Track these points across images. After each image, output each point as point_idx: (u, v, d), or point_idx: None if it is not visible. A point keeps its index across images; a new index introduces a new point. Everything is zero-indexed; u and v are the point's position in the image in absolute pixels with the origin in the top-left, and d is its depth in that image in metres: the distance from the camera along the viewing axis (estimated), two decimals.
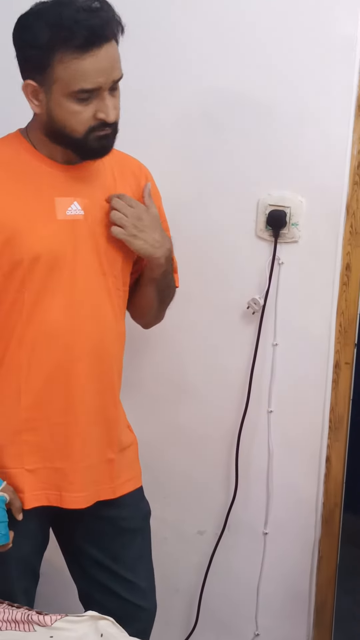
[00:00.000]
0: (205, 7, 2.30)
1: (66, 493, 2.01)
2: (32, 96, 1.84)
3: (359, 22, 2.16)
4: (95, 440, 2.03)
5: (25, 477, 1.97)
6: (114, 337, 2.03)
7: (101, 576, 2.13)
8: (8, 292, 1.90)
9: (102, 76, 1.79)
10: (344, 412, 2.38)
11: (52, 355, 1.94)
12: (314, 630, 2.51)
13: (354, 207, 2.27)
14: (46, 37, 1.76)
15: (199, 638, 2.60)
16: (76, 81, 1.78)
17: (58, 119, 1.83)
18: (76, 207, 1.92)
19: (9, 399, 1.95)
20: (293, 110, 2.27)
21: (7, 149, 1.93)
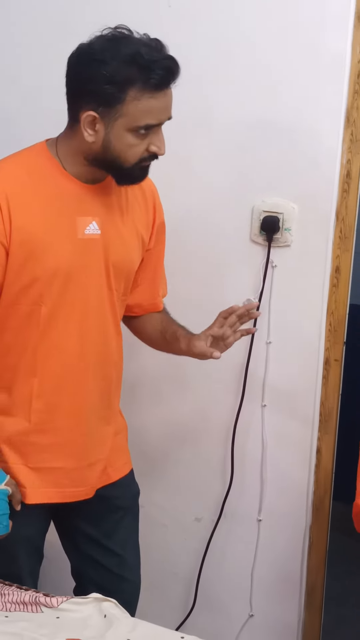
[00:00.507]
0: (208, 26, 2.30)
1: (67, 489, 2.02)
2: (89, 126, 1.80)
3: (347, 41, 2.17)
4: (97, 441, 2.05)
5: (27, 474, 1.97)
6: (115, 346, 2.04)
7: (93, 551, 2.14)
8: (25, 305, 1.89)
9: (166, 114, 1.81)
10: (334, 406, 2.38)
11: (64, 365, 1.94)
12: (305, 612, 2.51)
13: (343, 213, 2.27)
14: (125, 74, 1.73)
15: (196, 619, 2.60)
16: (144, 117, 1.77)
17: (114, 149, 1.81)
18: (94, 227, 1.91)
19: (20, 402, 1.95)
20: (286, 123, 2.27)
21: (36, 165, 1.90)
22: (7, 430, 1.95)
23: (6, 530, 1.88)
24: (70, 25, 2.35)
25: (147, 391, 2.53)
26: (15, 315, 1.89)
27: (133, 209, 2.00)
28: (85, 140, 1.81)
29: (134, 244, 2.01)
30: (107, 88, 1.74)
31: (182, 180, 2.35)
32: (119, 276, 1.98)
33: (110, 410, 2.08)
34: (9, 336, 1.91)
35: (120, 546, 2.15)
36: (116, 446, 2.10)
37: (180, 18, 2.31)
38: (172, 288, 2.20)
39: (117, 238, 1.95)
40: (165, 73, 1.75)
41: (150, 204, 2.05)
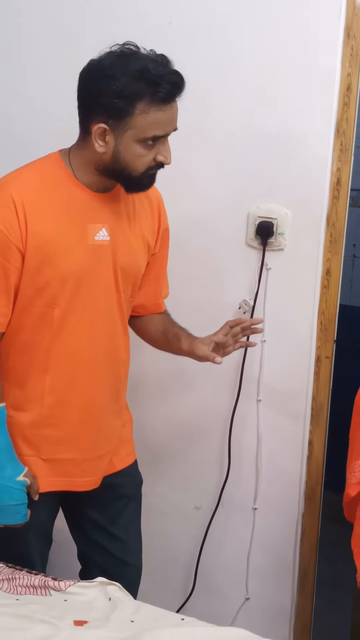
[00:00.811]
0: (206, 43, 2.31)
1: (77, 479, 2.03)
2: (100, 138, 1.81)
3: (337, 56, 2.18)
4: (104, 434, 2.06)
5: (40, 465, 1.98)
6: (124, 345, 2.05)
7: (99, 537, 2.15)
8: (38, 306, 1.90)
9: (172, 125, 1.82)
10: (325, 401, 2.38)
11: (74, 363, 1.95)
12: (298, 595, 2.51)
13: (334, 219, 2.27)
14: (134, 88, 1.74)
15: (195, 601, 2.60)
16: (152, 129, 1.78)
17: (124, 160, 1.82)
18: (104, 234, 1.92)
19: (33, 398, 1.96)
20: (280, 133, 2.27)
21: (50, 174, 1.90)
22: (20, 424, 1.96)
23: (25, 519, 1.90)
24: (77, 42, 2.35)
25: (150, 388, 2.53)
26: (29, 316, 1.90)
27: (140, 216, 2.01)
28: (96, 151, 1.82)
29: (140, 249, 2.02)
30: (117, 102, 1.75)
31: (182, 189, 2.36)
32: (126, 280, 1.99)
33: (118, 405, 2.08)
34: (24, 336, 1.92)
35: (123, 532, 2.16)
36: (121, 437, 2.11)
37: (180, 35, 2.31)
38: (173, 289, 2.20)
39: (125, 244, 1.96)
40: (172, 87, 1.76)
41: (156, 211, 2.06)
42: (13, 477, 1.88)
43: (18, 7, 2.51)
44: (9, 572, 1.90)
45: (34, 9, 2.49)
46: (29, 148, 2.01)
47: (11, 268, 1.85)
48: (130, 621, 1.76)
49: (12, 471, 1.88)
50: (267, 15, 2.23)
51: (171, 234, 2.13)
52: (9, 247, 1.83)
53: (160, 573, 2.49)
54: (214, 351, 2.00)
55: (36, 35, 2.50)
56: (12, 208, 1.82)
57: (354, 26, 2.15)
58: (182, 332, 2.11)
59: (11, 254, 1.84)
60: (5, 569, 1.92)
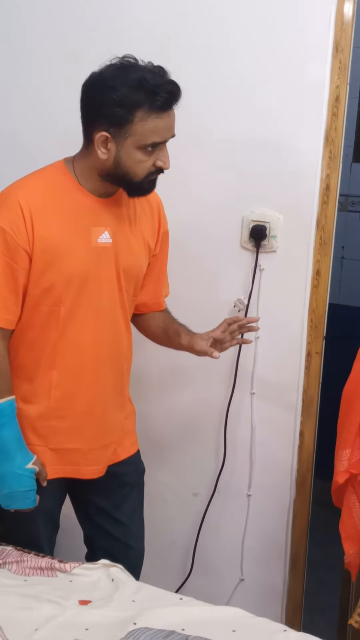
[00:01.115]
0: (203, 56, 2.31)
1: (82, 467, 2.03)
2: (102, 145, 1.81)
3: (326, 69, 2.18)
4: (109, 426, 2.06)
5: (48, 454, 1.99)
6: (126, 341, 2.05)
7: (104, 522, 2.15)
8: (45, 305, 1.90)
9: (170, 132, 1.82)
10: (315, 394, 2.39)
11: (80, 358, 1.96)
12: (289, 576, 2.52)
13: (323, 222, 2.27)
14: (133, 98, 1.74)
15: (193, 582, 2.60)
16: (151, 136, 1.78)
17: (125, 165, 1.82)
18: (106, 236, 1.92)
19: (41, 391, 1.97)
20: (273, 142, 2.28)
21: (55, 181, 1.90)
22: (30, 416, 1.96)
23: (33, 504, 1.91)
24: (82, 57, 2.34)
25: (151, 382, 2.53)
26: (37, 314, 1.91)
27: (140, 220, 2.01)
28: (99, 158, 1.82)
29: (141, 251, 2.02)
30: (118, 111, 1.75)
31: (181, 194, 2.36)
32: (128, 280, 1.99)
33: (121, 398, 2.09)
34: (32, 333, 1.93)
35: (127, 517, 2.16)
36: (125, 429, 2.11)
37: (178, 49, 2.31)
38: (173, 288, 2.20)
39: (127, 246, 1.96)
40: (169, 96, 1.77)
41: (156, 214, 2.06)
42: (23, 465, 1.89)
43: (28, 27, 2.52)
44: (18, 554, 1.91)
45: (43, 26, 2.49)
46: (37, 158, 2.01)
47: (19, 269, 1.86)
48: (132, 601, 1.77)
49: (22, 460, 1.90)
50: (261, 31, 2.23)
51: (171, 236, 2.13)
52: (17, 249, 1.84)
53: (160, 556, 2.49)
54: (211, 347, 2.01)
55: (44, 51, 2.50)
56: (20, 213, 1.83)
57: (341, 41, 2.16)
58: (182, 328, 2.11)
59: (19, 256, 1.84)
60: (15, 551, 1.93)
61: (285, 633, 1.68)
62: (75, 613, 1.71)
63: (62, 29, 2.46)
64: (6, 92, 2.59)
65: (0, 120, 2.61)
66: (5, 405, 1.90)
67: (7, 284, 1.86)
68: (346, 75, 2.19)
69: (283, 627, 1.71)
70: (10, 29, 2.55)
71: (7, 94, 2.59)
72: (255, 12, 2.23)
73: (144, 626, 1.66)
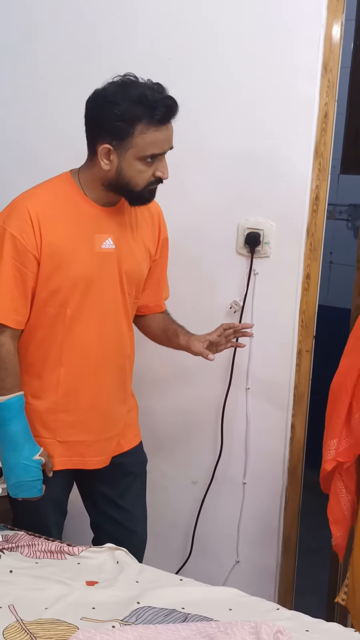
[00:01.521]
0: (201, 75, 2.31)
1: (89, 458, 2.03)
2: (105, 157, 1.81)
3: (316, 87, 2.18)
4: (113, 419, 2.06)
5: (56, 446, 1.99)
6: (129, 341, 2.05)
7: (109, 509, 2.15)
8: (52, 307, 1.90)
9: (168, 144, 1.82)
10: (305, 389, 2.39)
11: (85, 356, 1.96)
12: (282, 558, 2.52)
13: (313, 230, 2.27)
14: (133, 112, 1.75)
15: (192, 564, 2.60)
16: (150, 147, 1.78)
17: (126, 176, 1.82)
18: (109, 242, 1.92)
19: (49, 387, 1.97)
20: (266, 154, 2.28)
21: (62, 190, 1.91)
22: (39, 411, 1.97)
23: (40, 493, 1.91)
24: (89, 75, 2.33)
25: (153, 380, 2.52)
26: (45, 315, 1.91)
27: (142, 227, 2.01)
28: (103, 169, 1.83)
29: (142, 256, 2.02)
30: (119, 124, 1.76)
31: (181, 203, 2.36)
32: (130, 283, 1.99)
33: (125, 394, 2.08)
34: (40, 333, 1.93)
35: (130, 504, 2.16)
36: (128, 422, 2.11)
37: (178, 68, 2.32)
38: (173, 291, 2.20)
39: (129, 251, 1.96)
40: (167, 110, 1.77)
41: (156, 222, 2.06)
42: (30, 457, 1.89)
43: (40, 49, 2.53)
44: (29, 539, 1.92)
45: (53, 48, 2.51)
46: (47, 168, 2.01)
47: (29, 273, 1.86)
48: (135, 581, 1.77)
49: (29, 451, 1.90)
50: (256, 52, 2.23)
51: (171, 242, 2.14)
52: (26, 255, 1.84)
53: (162, 540, 2.49)
54: (207, 349, 2.01)
55: (54, 72, 2.51)
56: (29, 221, 1.84)
57: (330, 61, 2.16)
58: (180, 329, 2.12)
59: (28, 261, 1.85)
60: (26, 536, 1.93)
61: (278, 611, 1.69)
62: (83, 593, 1.71)
63: (71, 51, 2.48)
64: (20, 108, 2.61)
65: (14, 133, 2.63)
66: (15, 400, 1.90)
67: (17, 287, 1.86)
68: (334, 93, 2.19)
69: (276, 605, 1.72)
70: (24, 50, 2.57)
71: (21, 111, 2.61)
72: (250, 34, 2.23)
73: (146, 605, 1.67)
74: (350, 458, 1.93)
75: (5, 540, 1.90)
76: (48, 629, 1.59)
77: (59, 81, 2.50)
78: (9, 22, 2.57)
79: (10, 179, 2.33)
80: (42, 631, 1.58)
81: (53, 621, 1.61)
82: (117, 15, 2.39)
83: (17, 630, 1.58)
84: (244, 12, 2.23)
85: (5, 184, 2.12)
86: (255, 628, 1.53)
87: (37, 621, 1.61)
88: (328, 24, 2.14)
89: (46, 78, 2.53)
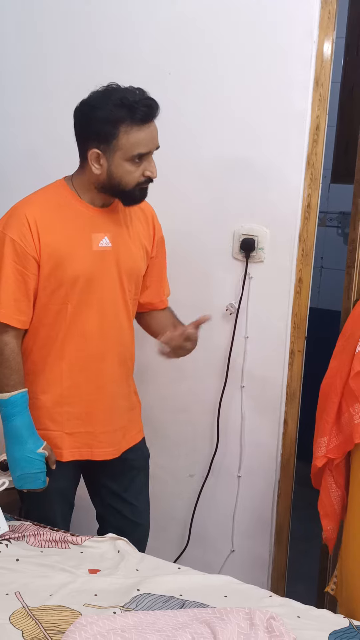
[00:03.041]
0: (199, 88, 2.31)
1: (96, 449, 2.03)
2: (95, 162, 1.82)
3: (308, 101, 2.18)
4: (117, 411, 2.05)
5: (64, 438, 1.99)
6: (129, 335, 2.05)
7: (114, 502, 2.15)
8: (54, 304, 1.90)
9: (152, 143, 1.81)
10: (297, 387, 2.39)
11: (87, 351, 1.95)
12: (274, 548, 2.51)
13: (305, 236, 2.27)
14: (116, 114, 1.76)
15: (190, 553, 2.60)
16: (135, 148, 1.79)
17: (117, 177, 1.82)
18: (106, 241, 1.92)
19: (53, 381, 1.97)
20: (261, 164, 2.27)
21: (57, 195, 1.92)
22: (46, 405, 1.97)
23: (44, 484, 1.91)
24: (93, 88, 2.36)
25: (153, 377, 2.51)
26: (47, 314, 1.91)
27: (136, 226, 2.01)
28: (94, 173, 1.84)
29: (139, 253, 2.01)
30: (103, 127, 1.77)
31: (180, 210, 2.37)
32: (130, 279, 1.99)
33: (127, 388, 2.07)
34: (43, 331, 1.93)
35: (134, 497, 2.15)
36: (132, 419, 2.11)
37: (178, 84, 2.32)
38: (172, 293, 2.19)
39: (126, 249, 1.96)
40: (147, 109, 1.77)
41: (150, 222, 2.06)
42: (34, 450, 1.89)
43: (48, 63, 2.54)
44: (35, 529, 1.92)
45: (59, 61, 2.51)
46: (50, 174, 2.01)
47: (29, 275, 1.86)
48: (136, 570, 1.77)
49: (33, 445, 1.90)
50: (251, 67, 2.23)
51: (170, 247, 2.13)
52: (26, 257, 1.85)
53: (161, 530, 2.48)
54: (166, 343, 1.90)
55: (59, 85, 2.51)
56: (27, 224, 1.85)
57: (321, 76, 2.16)
58: (178, 323, 2.10)
59: (28, 263, 1.85)
60: (32, 526, 1.93)
61: (271, 598, 1.69)
62: (86, 581, 1.71)
63: (76, 65, 2.48)
64: (27, 118, 2.61)
65: (21, 141, 2.64)
66: (19, 397, 1.90)
67: (19, 289, 1.86)
68: (325, 107, 2.19)
69: (269, 593, 1.72)
70: (31, 62, 2.57)
71: (28, 120, 2.61)
72: (246, 50, 2.23)
73: (146, 592, 1.67)
74: (340, 455, 1.93)
75: (12, 530, 1.90)
76: (52, 614, 1.59)
77: (64, 93, 2.46)
78: (18, 30, 2.58)
79: (17, 185, 2.33)
80: (46, 617, 1.58)
81: (57, 607, 1.61)
82: (120, 31, 2.39)
83: (23, 615, 1.58)
84: (240, 29, 2.23)
85: (13, 190, 2.12)
86: (249, 614, 1.53)
87: (42, 607, 1.61)
88: (320, 41, 2.14)
89: (55, 93, 2.53)
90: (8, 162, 2.66)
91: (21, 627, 1.54)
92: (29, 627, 1.54)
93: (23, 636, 1.52)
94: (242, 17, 2.22)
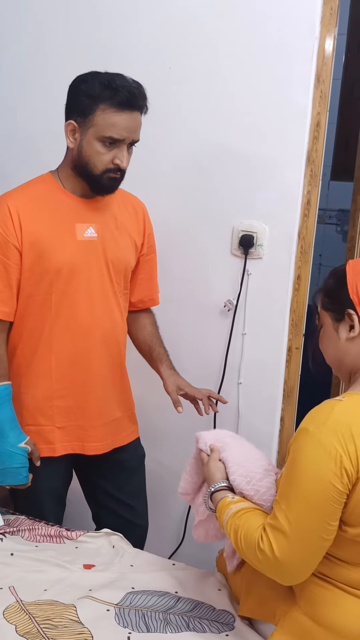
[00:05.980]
0: (200, 83, 2.30)
1: (87, 443, 2.02)
2: (70, 134, 1.82)
3: (309, 98, 2.17)
4: (108, 404, 2.04)
5: (55, 433, 1.97)
6: (120, 328, 2.03)
7: (109, 502, 2.14)
8: (39, 294, 1.89)
9: (127, 133, 1.79)
10: (295, 384, 2.38)
11: (75, 342, 1.94)
12: None
13: (304, 233, 2.27)
14: (97, 91, 1.76)
15: (185, 549, 2.60)
16: (108, 129, 1.77)
17: (85, 154, 1.81)
18: (91, 231, 1.91)
19: (42, 375, 1.95)
20: (261, 161, 2.26)
21: (41, 186, 1.92)
22: (35, 400, 1.95)
23: (26, 480, 1.88)
24: None
25: (150, 373, 2.49)
26: (33, 304, 1.89)
27: (125, 219, 2.00)
28: (69, 148, 1.84)
29: (127, 246, 2.00)
30: (83, 99, 1.78)
31: (179, 206, 2.36)
32: (117, 272, 1.97)
33: (119, 381, 2.06)
34: (30, 322, 1.91)
35: (130, 498, 2.14)
36: (125, 419, 2.10)
37: (178, 77, 2.31)
38: (171, 289, 2.20)
39: (112, 240, 1.95)
40: (130, 95, 1.76)
41: (141, 217, 2.06)
42: (15, 444, 1.86)
43: (50, 60, 2.53)
44: (30, 523, 1.91)
45: (62, 58, 2.50)
46: (49, 165, 2.01)
47: (11, 265, 1.85)
48: (130, 565, 1.77)
49: (14, 439, 1.87)
50: (252, 63, 2.22)
51: (170, 243, 2.14)
52: (7, 246, 1.84)
53: (156, 526, 2.48)
54: (184, 397, 2.07)
55: (59, 75, 2.46)
56: (8, 214, 1.84)
57: (322, 73, 2.15)
58: (165, 357, 2.13)
59: (10, 252, 1.84)
60: (27, 520, 1.93)
61: None
62: (80, 576, 1.71)
63: (77, 58, 2.45)
64: (27, 109, 2.61)
65: (22, 135, 2.63)
66: (2, 389, 1.88)
67: (1, 279, 1.85)
68: (326, 104, 2.18)
69: None
70: (31, 54, 2.56)
71: (30, 114, 2.61)
72: (248, 46, 2.22)
73: (140, 588, 1.66)
74: None
75: (7, 524, 1.89)
76: (46, 609, 1.58)
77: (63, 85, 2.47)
78: (19, 28, 2.56)
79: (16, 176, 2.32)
80: (40, 612, 1.57)
81: (51, 602, 1.61)
82: (122, 24, 2.38)
83: (17, 610, 1.58)
84: (242, 25, 2.22)
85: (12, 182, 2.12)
86: None
87: (36, 602, 1.61)
88: (321, 38, 2.13)
89: (57, 88, 2.46)
90: (8, 153, 2.65)
91: (15, 622, 1.54)
92: (23, 622, 1.54)
93: (17, 631, 1.51)
94: (243, 12, 2.21)
